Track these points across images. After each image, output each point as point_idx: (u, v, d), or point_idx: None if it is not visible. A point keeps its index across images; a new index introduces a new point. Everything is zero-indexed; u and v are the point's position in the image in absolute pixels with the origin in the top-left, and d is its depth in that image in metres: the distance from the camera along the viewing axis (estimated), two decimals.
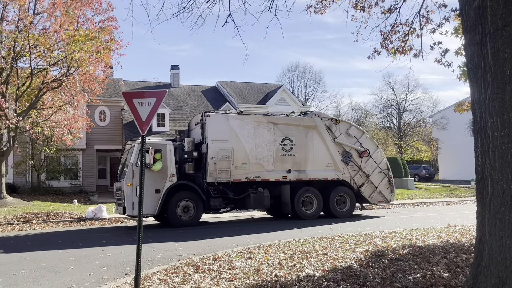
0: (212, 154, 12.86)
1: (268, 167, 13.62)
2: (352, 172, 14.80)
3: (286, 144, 13.98)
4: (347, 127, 15.10)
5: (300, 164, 14.11)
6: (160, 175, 12.44)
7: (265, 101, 31.58)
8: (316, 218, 14.01)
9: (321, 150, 14.42)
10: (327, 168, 14.46)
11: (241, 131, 13.38)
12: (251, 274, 6.27)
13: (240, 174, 13.21)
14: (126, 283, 6.08)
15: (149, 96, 6.24)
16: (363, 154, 14.98)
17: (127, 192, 12.14)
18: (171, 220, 12.61)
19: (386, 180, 15.41)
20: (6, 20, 16.82)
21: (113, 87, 27.24)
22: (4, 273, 7.16)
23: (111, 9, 17.52)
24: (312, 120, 14.59)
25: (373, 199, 15.26)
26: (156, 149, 12.56)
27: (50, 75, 17.67)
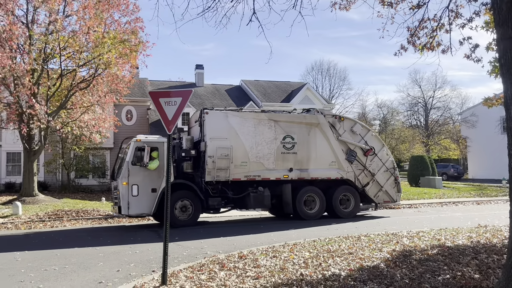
0: (211, 152, 12.55)
1: (268, 165, 13.26)
2: (357, 171, 14.33)
3: (287, 142, 13.60)
4: (352, 125, 14.64)
5: (302, 162, 13.71)
6: (157, 174, 12.18)
7: (289, 100, 31.50)
8: (318, 219, 13.58)
9: (324, 148, 13.99)
10: (330, 166, 14.03)
11: (240, 129, 13.03)
12: (276, 272, 6.27)
13: (239, 173, 12.87)
14: (153, 280, 6.18)
15: (175, 95, 6.32)
16: (368, 153, 14.46)
17: (122, 191, 11.91)
18: None
19: (392, 179, 14.84)
20: (37, 23, 17.33)
21: (139, 87, 27.70)
22: (37, 268, 7.39)
23: (137, 10, 17.83)
24: (314, 117, 14.15)
25: (379, 199, 14.70)
26: (152, 147, 12.31)
27: (79, 76, 18.11)
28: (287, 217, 14.14)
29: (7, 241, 10.78)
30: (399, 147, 37.19)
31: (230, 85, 35.41)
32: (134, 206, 11.88)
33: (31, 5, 17.05)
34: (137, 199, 11.90)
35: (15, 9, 16.27)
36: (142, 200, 11.93)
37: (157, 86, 30.85)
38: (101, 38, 16.16)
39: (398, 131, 38.46)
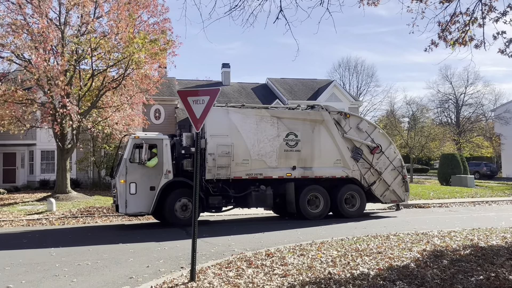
0: (211, 149, 12.24)
1: (271, 163, 12.90)
2: (363, 169, 13.94)
3: (290, 139, 13.22)
4: (358, 122, 14.21)
5: (306, 160, 13.35)
6: (155, 172, 11.93)
7: (315, 97, 31.27)
8: (322, 218, 13.22)
9: (328, 146, 13.61)
10: (335, 165, 13.64)
11: (242, 126, 12.68)
12: (304, 270, 6.26)
13: (241, 171, 12.54)
14: (182, 276, 6.27)
15: (203, 94, 6.40)
16: (374, 150, 14.06)
17: (120, 189, 11.69)
18: (168, 218, 12.13)
19: (400, 178, 14.43)
20: (69, 25, 17.82)
21: (168, 86, 28.09)
22: (71, 263, 7.63)
23: (165, 11, 18.10)
24: (319, 113, 13.74)
25: (386, 198, 14.31)
26: (150, 144, 12.02)
27: (109, 76, 18.53)
28: (293, 217, 13.69)
29: (43, 236, 11.16)
30: (428, 145, 36.24)
31: (256, 83, 35.44)
32: (132, 204, 11.66)
33: (64, 8, 17.54)
34: (135, 198, 11.69)
35: (49, 12, 16.78)
36: (140, 198, 11.71)
37: (184, 85, 31.22)
38: (131, 38, 16.48)
39: (427, 129, 37.47)
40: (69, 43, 17.27)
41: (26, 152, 26.20)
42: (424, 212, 15.62)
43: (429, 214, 14.89)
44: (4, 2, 16.71)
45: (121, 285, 6.10)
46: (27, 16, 16.61)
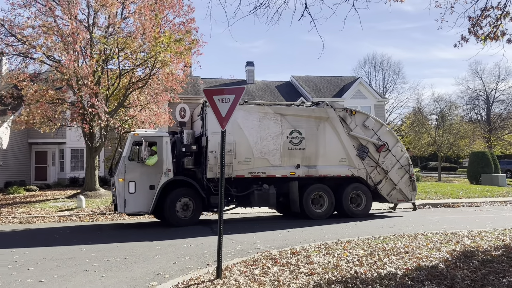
0: (212, 147, 11.90)
1: (274, 162, 12.60)
2: (369, 168, 13.59)
3: (294, 137, 12.87)
4: (364, 119, 13.82)
5: (310, 159, 13.00)
6: (155, 170, 11.64)
7: (340, 95, 30.96)
8: (327, 218, 12.92)
9: (334, 143, 13.26)
10: (340, 163, 13.31)
11: (244, 123, 12.33)
12: (330, 269, 6.22)
13: (243, 170, 12.23)
14: (208, 273, 6.33)
15: (229, 92, 6.43)
16: (381, 149, 13.69)
17: (118, 188, 11.41)
18: (169, 218, 11.84)
19: (407, 177, 14.06)
20: (97, 26, 18.22)
21: (193, 85, 28.36)
22: (100, 258, 7.82)
23: (191, 11, 18.27)
24: (324, 110, 13.35)
25: (392, 197, 13.93)
26: (150, 142, 11.74)
27: (136, 76, 18.85)
28: (297, 216, 13.33)
29: (73, 232, 11.47)
30: (457, 143, 35.37)
31: (280, 81, 35.36)
32: (131, 203, 11.39)
33: (92, 9, 17.94)
34: (134, 197, 11.42)
35: (78, 14, 17.19)
36: (140, 197, 11.45)
37: (208, 84, 31.44)
38: (156, 38, 16.71)
39: (456, 126, 36.56)
40: (97, 44, 17.66)
41: (56, 150, 26.97)
42: (453, 212, 15.25)
43: (458, 214, 14.53)
44: (36, 5, 17.22)
45: (149, 281, 6.21)
46: (57, 18, 17.06)
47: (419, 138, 37.86)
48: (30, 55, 17.37)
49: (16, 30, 16.62)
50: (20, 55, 17.38)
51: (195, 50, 18.46)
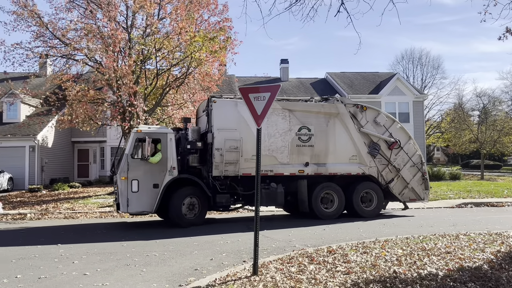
0: (218, 144, 11.51)
1: (282, 159, 12.15)
2: (380, 166, 13.13)
3: (303, 133, 12.42)
4: (375, 115, 13.32)
5: (320, 156, 12.56)
6: (159, 168, 11.19)
7: (377, 91, 30.35)
8: (336, 218, 12.53)
9: (344, 140, 12.82)
10: (350, 161, 12.87)
11: (251, 119, 12.21)
12: (367, 268, 6.13)
13: (250, 167, 11.68)
14: (244, 270, 6.38)
15: (264, 90, 6.45)
16: (393, 146, 13.21)
17: (121, 187, 10.97)
18: (174, 218, 11.41)
19: (419, 175, 13.55)
20: (135, 27, 18.69)
21: (228, 84, 28.60)
22: (140, 253, 8.05)
23: (226, 10, 18.42)
24: (334, 106, 12.90)
25: (404, 196, 13.48)
26: (154, 139, 11.35)
27: (172, 75, 19.22)
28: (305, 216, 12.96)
29: (114, 228, 11.85)
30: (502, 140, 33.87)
31: (315, 78, 35.08)
32: (133, 203, 10.95)
33: (130, 11, 18.43)
34: (137, 196, 10.97)
35: (117, 16, 17.71)
36: (143, 196, 11.01)
37: (243, 82, 31.60)
38: (192, 37, 16.96)
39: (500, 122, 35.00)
40: (135, 45, 18.12)
41: (97, 148, 27.95)
42: (497, 211, 14.66)
43: (503, 213, 13.95)
44: (78, 9, 17.88)
45: (187, 276, 6.33)
46: (98, 21, 17.64)
47: (460, 135, 36.55)
48: (73, 57, 18.06)
49: (59, 33, 17.30)
50: (63, 57, 18.09)
51: (229, 48, 18.61)
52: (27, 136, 22.63)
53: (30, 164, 23.00)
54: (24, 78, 21.19)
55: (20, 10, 16.89)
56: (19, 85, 22.03)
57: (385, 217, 13.22)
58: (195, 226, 11.25)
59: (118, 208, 11.13)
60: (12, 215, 14.86)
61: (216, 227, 11.45)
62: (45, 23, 17.05)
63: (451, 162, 56.98)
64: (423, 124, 31.25)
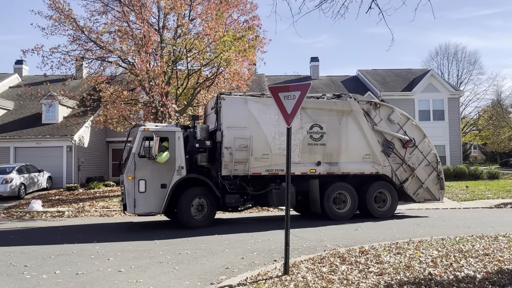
0: (228, 143, 11.23)
1: (293, 158, 11.67)
2: (394, 165, 12.77)
3: (315, 132, 12.09)
4: (389, 112, 12.98)
5: (332, 155, 12.23)
6: (167, 168, 10.92)
7: (410, 88, 29.65)
8: (349, 219, 12.19)
9: (357, 139, 12.48)
10: (364, 160, 12.51)
11: (261, 117, 11.59)
12: (401, 269, 6.00)
13: (260, 167, 11.52)
14: (275, 269, 6.38)
15: (294, 89, 6.42)
16: (407, 144, 12.84)
17: (128, 187, 10.70)
18: (183, 219, 11.14)
19: (434, 175, 13.13)
20: (167, 28, 18.99)
21: (257, 83, 28.65)
22: (172, 251, 8.18)
23: (255, 8, 18.46)
24: (347, 103, 12.52)
25: (419, 196, 13.07)
26: (162, 137, 11.04)
27: (203, 75, 19.42)
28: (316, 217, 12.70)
29: (147, 226, 12.11)
30: None
31: (346, 76, 34.65)
32: (141, 203, 10.68)
33: (162, 12, 18.74)
34: (145, 196, 10.71)
35: (150, 18, 18.05)
36: (150, 197, 10.75)
37: (273, 81, 31.56)
38: (221, 37, 17.08)
39: None
40: (166, 46, 18.41)
41: None
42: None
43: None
44: (112, 12, 18.33)
45: (218, 275, 6.38)
46: (131, 23, 18.04)
47: (498, 133, 35.28)
48: (107, 59, 18.53)
49: (94, 36, 17.80)
50: (98, 59, 18.59)
51: (258, 47, 18.62)
52: (64, 136, 23.42)
53: (67, 164, 23.79)
54: (61, 80, 21.91)
55: (57, 15, 17.47)
56: (57, 87, 22.85)
57: (419, 217, 12.91)
58: (204, 227, 10.95)
59: (125, 208, 10.90)
60: (51, 213, 15.44)
61: (247, 226, 11.49)
62: (81, 27, 17.57)
63: (489, 160, 54.94)
64: (459, 121, 30.28)
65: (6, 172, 19.14)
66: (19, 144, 23.82)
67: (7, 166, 20.12)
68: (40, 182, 21.34)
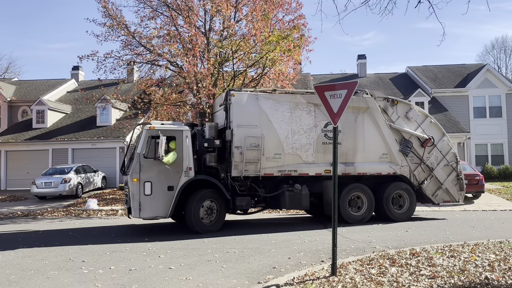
0: (238, 142, 10.65)
1: (307, 158, 11.22)
2: (412, 165, 12.06)
3: (330, 130, 11.38)
4: (407, 109, 12.30)
5: (347, 155, 11.56)
6: (174, 169, 10.32)
7: (464, 84, 28.32)
8: (366, 222, 11.55)
9: (373, 137, 11.81)
10: (381, 160, 11.86)
11: (273, 114, 11.04)
12: (455, 273, 5.76)
13: (272, 167, 10.97)
14: (323, 270, 6.33)
15: (340, 88, 6.34)
16: (426, 143, 12.12)
17: (132, 190, 10.09)
18: (191, 224, 10.45)
19: (454, 175, 12.36)
20: (213, 31, 19.34)
21: (303, 82, 28.49)
22: (220, 250, 8.33)
23: (300, 7, 18.39)
24: (363, 100, 11.86)
25: (438, 198, 12.27)
26: (169, 137, 10.46)
27: (248, 76, 19.58)
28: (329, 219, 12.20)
29: None
30: None
31: (394, 73, 33.69)
32: (146, 207, 10.08)
33: (208, 15, 19.10)
34: (151, 199, 10.11)
35: (197, 21, 18.46)
36: (157, 200, 10.15)
37: (318, 80, 31.27)
38: (267, 37, 17.15)
39: None
40: (213, 48, 18.73)
41: None
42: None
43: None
44: (161, 16, 18.92)
45: (265, 274, 6.43)
46: (179, 27, 18.52)
47: None
48: (156, 63, 19.15)
49: (144, 41, 18.44)
50: (148, 63, 19.24)
51: (304, 46, 18.51)
52: (117, 138, 24.44)
53: (120, 164, 24.81)
54: (114, 84, 22.89)
55: (111, 22, 18.26)
56: (110, 91, 23.87)
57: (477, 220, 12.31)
58: (213, 232, 10.44)
59: (130, 212, 10.36)
60: (106, 211, 16.17)
61: (293, 226, 11.46)
62: (132, 32, 18.26)
63: None
64: None
65: (65, 172, 20.29)
66: (76, 146, 25.16)
67: (65, 166, 21.31)
68: (95, 181, 22.41)
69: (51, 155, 25.40)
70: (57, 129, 26.48)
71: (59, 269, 7.02)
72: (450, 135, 24.80)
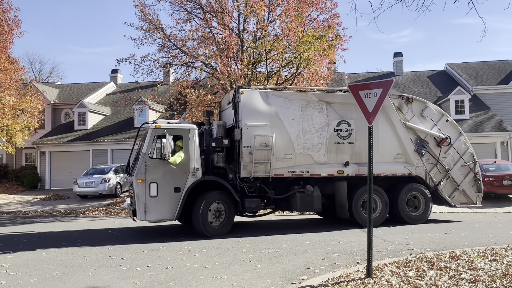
0: (247, 142, 10.27)
1: (319, 158, 10.84)
2: (428, 165, 11.58)
3: (342, 129, 11.06)
4: (422, 108, 11.77)
5: (361, 155, 11.05)
6: (181, 169, 9.89)
7: (507, 81, 27.18)
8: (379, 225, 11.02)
9: (388, 137, 11.36)
10: (395, 160, 11.42)
11: (284, 113, 10.65)
12: (498, 277, 5.54)
13: (282, 168, 10.59)
14: (358, 271, 6.24)
15: (375, 86, 6.26)
16: (442, 143, 11.62)
17: (137, 191, 9.70)
18: (199, 227, 10.03)
19: (471, 176, 11.91)
20: (247, 31, 19.45)
21: (337, 81, 28.16)
22: (254, 250, 8.37)
23: (334, 6, 18.20)
24: None
25: (454, 200, 11.85)
26: (175, 136, 10.10)
27: (282, 76, 19.56)
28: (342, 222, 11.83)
29: None
30: None
31: (433, 71, 32.74)
32: (152, 209, 9.68)
33: (242, 16, 19.23)
34: (156, 201, 9.72)
35: (231, 23, 18.63)
36: (163, 202, 9.76)
37: (353, 79, 30.82)
38: (301, 37, 17.07)
39: None
40: (247, 49, 18.84)
41: None
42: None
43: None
44: (195, 19, 19.23)
45: (300, 275, 6.41)
46: (213, 29, 18.76)
47: None
48: (191, 65, 19.46)
49: (180, 43, 18.79)
50: (183, 65, 19.59)
51: (338, 45, 18.29)
52: None
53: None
54: (151, 86, 23.43)
55: (147, 26, 18.72)
56: (147, 93, 24.48)
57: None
58: (221, 235, 10.06)
59: (135, 214, 9.94)
60: None
61: (327, 226, 11.36)
62: (167, 35, 18.65)
63: None
64: None
65: (104, 173, 20.99)
66: (115, 147, 25.96)
67: (105, 167, 22.05)
68: None
69: (92, 155, 26.36)
70: (97, 131, 27.45)
71: (99, 265, 7.28)
72: (493, 134, 23.93)
